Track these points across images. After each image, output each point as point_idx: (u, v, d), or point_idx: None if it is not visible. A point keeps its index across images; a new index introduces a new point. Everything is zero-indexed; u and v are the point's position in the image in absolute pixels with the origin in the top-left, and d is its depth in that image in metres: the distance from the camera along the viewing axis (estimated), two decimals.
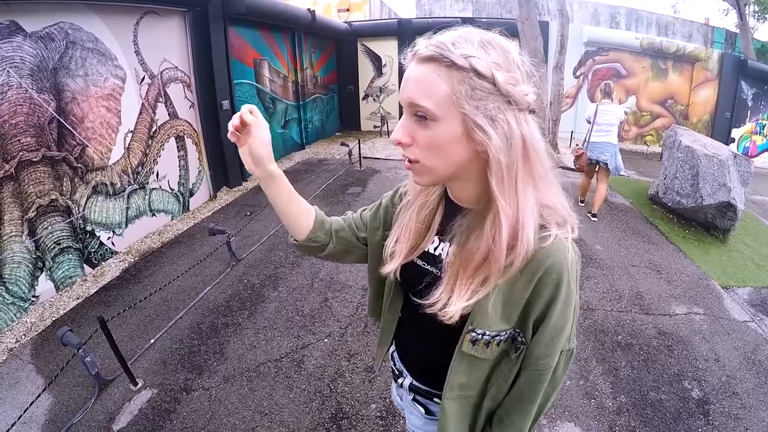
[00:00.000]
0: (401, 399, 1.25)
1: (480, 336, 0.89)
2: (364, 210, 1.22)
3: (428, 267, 0.98)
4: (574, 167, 5.97)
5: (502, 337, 0.89)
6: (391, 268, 1.02)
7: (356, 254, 1.19)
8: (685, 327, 3.55)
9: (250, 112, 0.94)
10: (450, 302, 0.85)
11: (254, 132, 0.95)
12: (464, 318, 0.87)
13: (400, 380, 1.19)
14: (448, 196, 0.97)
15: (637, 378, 2.95)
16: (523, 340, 0.90)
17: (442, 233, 0.98)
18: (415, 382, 1.14)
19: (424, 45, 0.79)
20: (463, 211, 0.91)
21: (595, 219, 5.75)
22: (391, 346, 1.25)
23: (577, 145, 5.94)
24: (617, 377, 2.95)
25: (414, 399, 1.16)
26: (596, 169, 5.80)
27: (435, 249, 0.99)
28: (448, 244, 0.94)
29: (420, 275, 0.99)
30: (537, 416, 0.97)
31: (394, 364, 1.23)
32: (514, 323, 0.89)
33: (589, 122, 5.69)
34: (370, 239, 1.17)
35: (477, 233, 0.84)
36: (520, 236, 0.79)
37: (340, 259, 1.20)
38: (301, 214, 1.08)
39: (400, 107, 0.84)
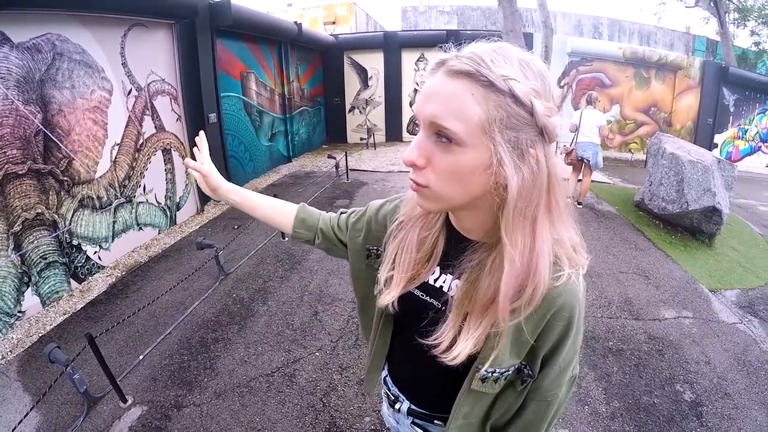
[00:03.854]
0: (397, 422, 1.18)
1: (490, 374, 0.86)
2: (343, 213, 1.20)
3: (429, 299, 0.92)
4: (564, 163, 6.69)
5: (510, 372, 0.88)
6: (388, 299, 0.93)
7: (340, 252, 1.19)
8: (675, 331, 3.57)
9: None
10: (456, 343, 0.80)
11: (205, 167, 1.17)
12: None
13: (397, 405, 1.14)
14: (450, 222, 0.90)
15: (630, 383, 2.96)
16: (530, 373, 0.88)
17: (443, 264, 0.91)
18: (413, 406, 1.10)
19: (455, 56, 0.70)
20: (473, 245, 0.84)
21: (581, 206, 6.64)
22: (383, 370, 1.21)
23: (565, 145, 6.74)
24: (610, 383, 2.96)
25: (413, 422, 1.12)
26: (582, 166, 6.59)
27: (435, 280, 0.92)
28: (451, 277, 0.89)
29: (421, 308, 0.92)
30: None
31: (389, 389, 1.17)
32: (522, 357, 0.87)
33: (575, 125, 6.47)
34: (350, 244, 1.13)
35: (488, 270, 0.78)
36: (533, 278, 0.73)
37: (329, 253, 1.22)
38: (276, 218, 1.20)
39: (387, 119, 0.73)
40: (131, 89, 5.01)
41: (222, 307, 3.83)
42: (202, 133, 1.23)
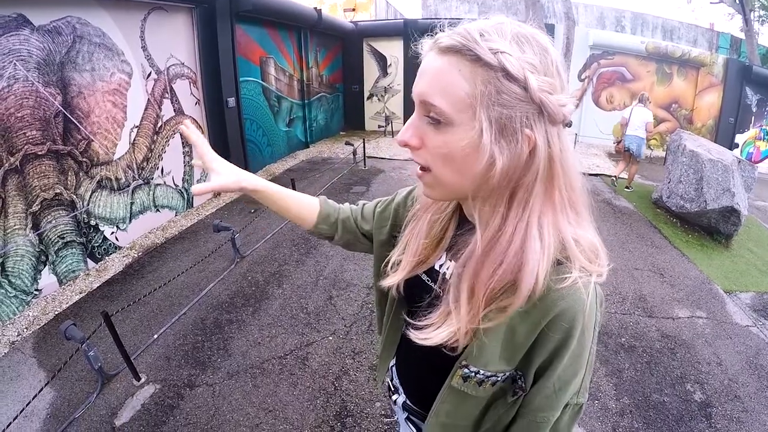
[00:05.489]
0: (396, 414, 1.16)
1: (473, 374, 0.79)
2: (366, 204, 1.15)
3: (431, 284, 0.88)
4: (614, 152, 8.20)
5: (498, 378, 0.79)
6: (391, 282, 0.91)
7: (361, 246, 1.15)
8: (688, 330, 3.54)
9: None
10: (439, 329, 0.75)
11: (214, 166, 1.03)
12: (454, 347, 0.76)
13: (394, 397, 1.11)
14: (462, 209, 0.86)
15: (640, 380, 2.95)
16: (523, 385, 0.80)
17: (450, 249, 0.86)
18: (408, 402, 1.07)
19: (447, 33, 0.67)
20: (468, 228, 0.78)
21: (629, 189, 7.51)
22: (393, 359, 1.16)
23: (616, 138, 8.01)
24: (621, 379, 2.95)
25: (408, 418, 1.08)
26: (629, 156, 7.41)
27: (441, 266, 0.88)
28: (453, 262, 0.84)
29: (423, 291, 0.88)
30: None
31: (391, 380, 1.15)
32: (516, 365, 0.78)
33: (626, 119, 7.29)
34: (375, 236, 1.09)
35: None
36: (523, 270, 0.67)
37: (348, 248, 1.18)
38: (301, 212, 1.11)
39: (405, 107, 0.68)
40: (150, 72, 5.04)
41: (237, 290, 3.88)
42: (187, 122, 1.04)
